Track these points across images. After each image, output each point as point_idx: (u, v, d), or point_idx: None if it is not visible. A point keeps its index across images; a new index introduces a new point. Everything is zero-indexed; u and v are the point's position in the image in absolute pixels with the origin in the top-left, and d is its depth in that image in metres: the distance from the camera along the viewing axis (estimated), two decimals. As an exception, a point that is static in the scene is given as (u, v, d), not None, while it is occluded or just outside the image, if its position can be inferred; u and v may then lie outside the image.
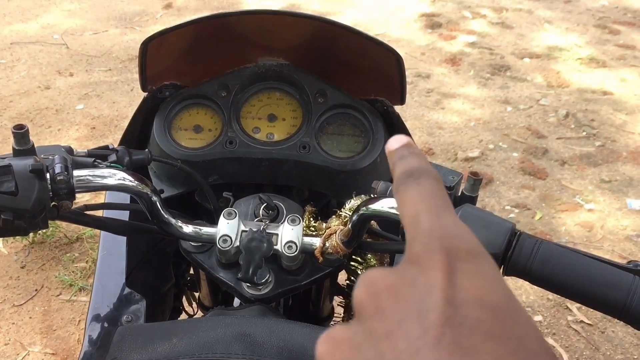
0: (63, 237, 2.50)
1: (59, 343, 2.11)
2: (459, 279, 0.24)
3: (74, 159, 0.77)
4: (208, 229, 0.85)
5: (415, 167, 0.30)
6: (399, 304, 0.24)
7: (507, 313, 0.24)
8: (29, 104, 3.41)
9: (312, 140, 0.99)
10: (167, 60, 1.00)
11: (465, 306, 0.23)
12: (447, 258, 0.25)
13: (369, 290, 0.26)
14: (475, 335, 0.22)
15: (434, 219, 0.27)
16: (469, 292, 0.24)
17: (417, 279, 0.25)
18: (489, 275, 0.25)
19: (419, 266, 0.25)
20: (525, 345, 0.23)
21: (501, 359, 0.22)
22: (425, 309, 0.23)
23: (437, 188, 0.29)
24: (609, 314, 0.66)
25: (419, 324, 0.23)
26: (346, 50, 1.00)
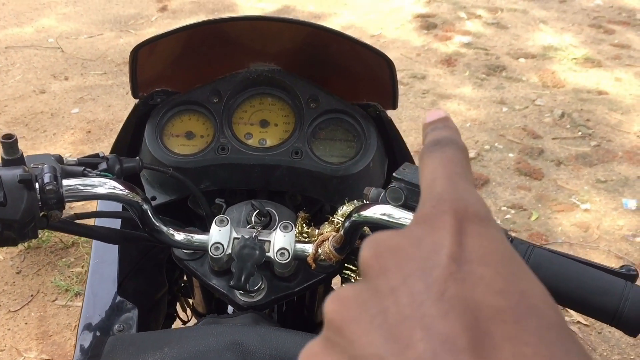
0: (59, 242, 2.50)
1: (55, 349, 2.10)
2: (465, 238, 0.25)
3: (64, 168, 0.76)
4: (200, 236, 0.85)
5: (443, 137, 0.31)
6: (403, 261, 0.25)
7: (510, 270, 0.24)
8: (24, 108, 3.41)
9: (305, 146, 0.99)
10: (158, 66, 0.99)
11: (469, 263, 0.24)
12: (455, 219, 0.25)
13: (374, 251, 0.26)
14: (477, 290, 0.23)
15: (448, 184, 0.27)
16: (473, 251, 0.24)
17: (424, 238, 0.25)
18: (494, 237, 0.25)
19: (426, 226, 0.26)
20: (528, 299, 0.23)
21: (502, 311, 0.22)
22: (430, 265, 0.24)
23: (460, 157, 0.29)
24: (601, 320, 0.66)
25: (423, 279, 0.24)
26: (338, 55, 1.00)
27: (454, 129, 0.32)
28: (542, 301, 0.24)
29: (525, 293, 0.23)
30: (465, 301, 0.22)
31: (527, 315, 0.23)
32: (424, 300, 0.23)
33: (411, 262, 0.25)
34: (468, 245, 0.24)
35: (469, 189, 0.27)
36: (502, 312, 0.22)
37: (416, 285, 0.23)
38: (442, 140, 0.30)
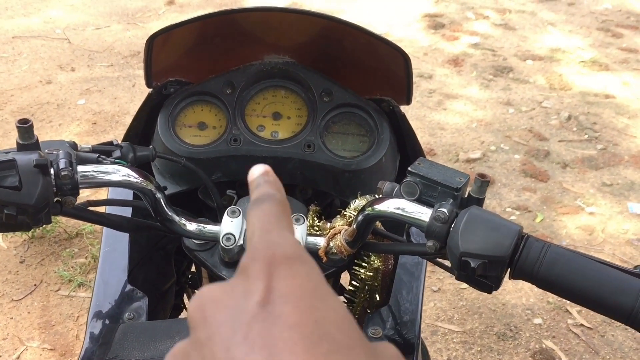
0: (63, 232, 2.50)
1: (58, 338, 2.10)
2: (273, 282, 0.27)
3: (78, 155, 0.76)
4: (211, 226, 0.85)
5: (262, 194, 0.35)
6: (219, 311, 0.28)
7: (308, 304, 0.27)
8: (30, 99, 3.41)
9: (317, 139, 0.99)
10: (172, 56, 0.99)
11: (273, 304, 0.27)
12: (265, 265, 0.28)
13: (198, 303, 0.29)
14: (275, 327, 0.26)
15: (263, 235, 0.31)
16: (278, 292, 0.27)
17: (238, 287, 0.28)
18: (301, 274, 0.28)
19: (242, 276, 0.29)
20: (320, 327, 0.26)
21: (294, 342, 0.25)
22: (240, 311, 0.27)
23: (276, 210, 0.33)
24: (617, 319, 0.66)
25: (232, 325, 0.27)
26: (353, 48, 1.00)
27: (274, 182, 0.36)
28: (336, 327, 0.26)
29: (319, 322, 0.26)
30: (264, 340, 0.25)
31: (318, 343, 0.25)
32: (231, 345, 0.26)
33: (225, 310, 0.27)
34: (275, 287, 0.27)
35: (282, 235, 0.31)
36: (293, 343, 0.25)
37: (227, 332, 0.26)
38: (261, 197, 0.34)
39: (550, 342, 2.12)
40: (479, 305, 2.25)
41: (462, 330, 2.16)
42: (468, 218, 0.69)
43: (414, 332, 0.89)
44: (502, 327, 2.17)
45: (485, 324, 2.18)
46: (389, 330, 0.88)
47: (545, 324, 2.19)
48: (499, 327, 2.16)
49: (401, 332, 0.89)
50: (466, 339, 2.12)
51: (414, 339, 0.89)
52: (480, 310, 2.23)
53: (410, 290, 0.94)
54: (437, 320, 2.19)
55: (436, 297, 2.28)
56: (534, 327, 2.18)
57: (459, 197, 0.75)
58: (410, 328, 0.90)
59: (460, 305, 2.25)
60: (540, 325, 2.18)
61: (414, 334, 0.89)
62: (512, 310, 2.23)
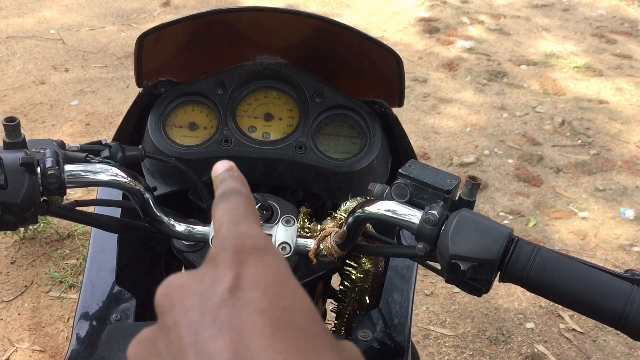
0: (54, 233, 2.48)
1: (48, 340, 2.09)
2: (242, 270, 0.28)
3: (66, 154, 0.75)
4: (201, 227, 0.84)
5: (228, 189, 0.35)
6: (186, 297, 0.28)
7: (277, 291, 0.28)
8: (23, 99, 3.39)
9: (309, 141, 0.98)
10: (163, 56, 0.98)
11: (242, 290, 0.27)
12: (234, 254, 0.29)
13: (164, 290, 0.29)
14: (244, 312, 0.26)
15: (231, 227, 0.31)
16: (247, 279, 0.28)
17: (206, 275, 0.29)
18: (270, 264, 0.29)
19: (211, 264, 0.29)
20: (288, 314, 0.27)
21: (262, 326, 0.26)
22: (208, 297, 0.27)
23: (243, 203, 0.34)
24: (607, 323, 0.65)
25: (200, 310, 0.27)
26: (345, 50, 0.99)
27: (239, 178, 0.36)
28: (303, 315, 0.27)
29: (287, 309, 0.27)
30: (232, 323, 0.26)
31: (285, 328, 0.26)
32: (199, 329, 0.26)
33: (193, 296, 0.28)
34: (244, 275, 0.28)
35: (250, 227, 0.31)
36: (261, 327, 0.26)
37: (194, 317, 0.27)
38: (227, 192, 0.35)
39: (542, 347, 2.12)
40: (471, 309, 2.25)
41: (454, 334, 2.15)
42: (458, 221, 0.69)
43: (404, 335, 0.89)
44: (494, 332, 2.16)
45: (477, 328, 2.18)
46: (379, 333, 0.87)
47: (537, 329, 2.19)
48: (491, 331, 2.16)
49: (391, 335, 0.89)
50: (458, 343, 2.12)
51: (404, 342, 0.88)
52: (472, 314, 2.23)
53: (401, 293, 0.94)
54: (429, 324, 2.18)
55: (429, 300, 2.27)
56: (526, 331, 2.17)
57: (450, 200, 0.74)
58: (400, 331, 0.89)
59: (453, 309, 2.25)
60: (532, 330, 2.18)
61: (404, 337, 0.89)
62: (505, 315, 2.23)
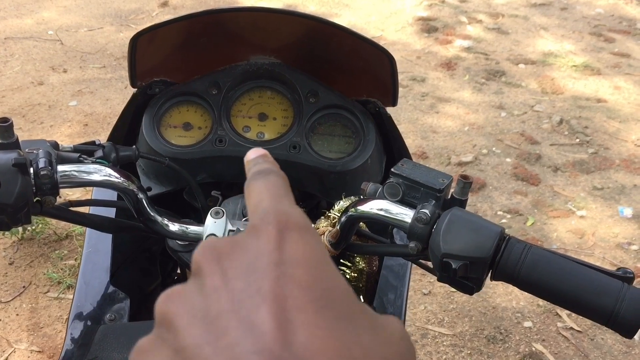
0: (52, 234, 2.48)
1: (46, 341, 2.09)
2: (285, 245, 0.29)
3: (59, 154, 0.75)
4: (195, 227, 0.84)
5: (265, 168, 0.36)
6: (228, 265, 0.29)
7: (318, 271, 0.28)
8: (21, 100, 3.39)
9: (303, 140, 0.98)
10: (157, 56, 0.99)
11: (285, 265, 0.28)
12: (277, 229, 0.29)
13: (205, 253, 0.30)
14: (287, 286, 0.27)
15: (273, 202, 0.32)
16: (290, 255, 0.28)
17: (249, 245, 0.29)
18: (310, 243, 0.29)
19: (253, 235, 0.30)
20: (328, 294, 0.27)
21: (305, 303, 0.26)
22: (252, 268, 0.28)
23: (281, 182, 0.34)
24: (597, 321, 0.65)
25: (244, 279, 0.28)
26: (339, 50, 0.99)
27: (273, 162, 0.37)
28: (342, 296, 0.28)
29: (327, 289, 0.28)
30: (276, 295, 0.26)
31: (326, 307, 0.27)
32: (243, 297, 0.27)
33: (236, 265, 0.28)
34: (286, 250, 0.29)
35: (291, 205, 0.32)
36: (304, 303, 0.26)
37: (238, 284, 0.27)
38: (264, 170, 0.35)
39: (540, 346, 2.12)
40: (469, 308, 2.25)
41: (452, 333, 2.15)
42: (450, 219, 0.69)
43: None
44: (492, 330, 2.16)
45: (475, 327, 2.18)
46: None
47: (535, 327, 2.19)
48: (489, 330, 2.16)
49: None
50: (456, 342, 2.12)
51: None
52: (470, 313, 2.23)
53: (395, 292, 0.94)
54: (427, 323, 2.18)
55: (426, 300, 2.27)
56: (524, 330, 2.18)
57: (442, 199, 0.74)
58: None
59: (451, 308, 2.25)
60: (530, 329, 2.18)
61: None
62: (502, 314, 2.23)
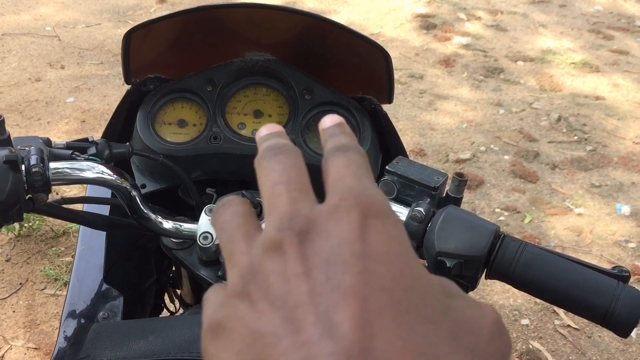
0: (49, 230, 2.48)
1: (42, 338, 2.08)
2: (368, 235, 0.27)
3: (52, 151, 0.75)
4: (189, 225, 0.84)
5: (344, 143, 0.33)
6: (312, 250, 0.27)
7: (400, 269, 0.27)
8: (18, 96, 3.38)
9: (298, 138, 0.98)
10: (151, 52, 0.98)
11: (367, 260, 0.26)
12: (360, 215, 0.28)
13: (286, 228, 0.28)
14: (369, 285, 0.26)
15: (355, 180, 0.30)
16: (373, 249, 0.27)
17: (331, 230, 0.27)
18: (393, 235, 0.28)
19: (334, 219, 0.28)
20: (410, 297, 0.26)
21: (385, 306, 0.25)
22: (333, 260, 0.26)
23: (362, 160, 0.32)
24: (592, 319, 0.65)
25: (325, 271, 0.26)
26: (335, 47, 0.99)
27: (351, 135, 0.34)
28: (422, 298, 0.26)
29: (408, 291, 0.26)
30: (356, 293, 0.25)
31: (406, 311, 0.25)
32: (322, 291, 0.26)
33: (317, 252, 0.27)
34: (369, 241, 0.27)
35: (373, 187, 0.30)
36: (385, 307, 0.25)
37: (318, 276, 0.26)
38: (344, 146, 0.33)
39: (537, 343, 2.12)
40: (466, 305, 2.25)
41: (450, 330, 2.15)
42: (444, 217, 0.69)
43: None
44: (490, 328, 2.16)
45: (472, 324, 2.18)
46: None
47: (532, 325, 2.19)
48: (486, 328, 2.16)
49: None
50: (453, 340, 2.12)
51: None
52: (467, 310, 2.23)
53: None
54: (424, 321, 2.18)
55: (424, 297, 2.27)
56: (521, 327, 2.18)
57: (437, 197, 0.74)
58: None
59: (448, 305, 2.25)
60: (527, 326, 2.18)
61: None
62: (500, 311, 2.23)
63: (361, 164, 0.32)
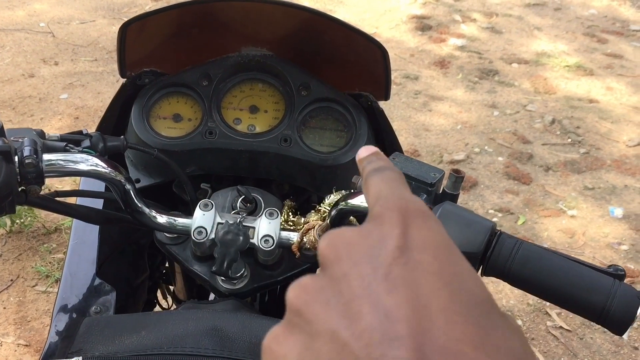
0: (41, 227, 2.46)
1: (33, 334, 2.07)
2: (409, 230, 0.29)
3: (45, 143, 0.74)
4: (183, 220, 0.83)
5: (380, 165, 0.36)
6: (354, 251, 0.29)
7: (445, 256, 0.28)
8: (12, 92, 3.36)
9: (294, 134, 0.97)
10: (147, 45, 0.97)
11: (411, 250, 0.28)
12: (400, 215, 0.29)
13: (330, 242, 0.30)
14: (416, 272, 0.27)
15: (392, 191, 0.32)
16: (415, 241, 0.28)
17: (373, 232, 0.29)
18: (434, 229, 0.29)
19: (376, 222, 0.30)
20: (459, 279, 0.27)
21: (438, 288, 0.26)
22: (377, 253, 0.28)
23: (399, 176, 0.34)
24: (588, 317, 0.65)
25: (371, 264, 0.27)
26: (332, 43, 0.98)
27: (386, 159, 0.37)
28: (472, 282, 0.28)
29: (457, 275, 0.27)
30: (406, 281, 0.26)
31: (458, 292, 0.26)
32: (371, 281, 0.27)
33: (361, 251, 0.28)
34: (411, 236, 0.28)
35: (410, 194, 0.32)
36: (437, 289, 0.26)
37: (365, 270, 0.27)
38: (380, 168, 0.35)
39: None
40: (459, 306, 2.25)
41: (442, 331, 2.15)
42: (441, 214, 0.68)
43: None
44: (482, 329, 2.16)
45: (465, 325, 2.17)
46: None
47: (524, 326, 2.19)
48: (478, 329, 2.16)
49: None
50: (446, 340, 2.12)
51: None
52: (460, 311, 2.23)
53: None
54: (417, 321, 2.18)
55: (417, 297, 2.27)
56: (514, 328, 2.18)
57: (433, 193, 0.74)
58: None
59: (441, 306, 2.24)
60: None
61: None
62: (492, 312, 2.23)
63: (397, 179, 0.34)
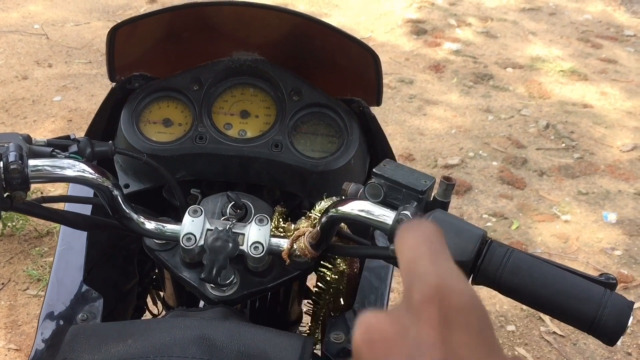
0: (33, 230, 2.44)
1: (24, 339, 2.05)
2: (450, 334, 0.26)
3: (31, 148, 0.73)
4: (172, 226, 0.82)
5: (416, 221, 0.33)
6: (391, 354, 0.26)
7: None
8: (5, 94, 3.34)
9: (285, 139, 0.97)
10: (137, 49, 0.96)
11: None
12: (440, 312, 0.27)
13: (365, 337, 0.28)
14: None
15: (431, 265, 0.29)
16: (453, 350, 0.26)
17: (410, 330, 0.27)
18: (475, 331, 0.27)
19: (413, 316, 0.27)
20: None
21: None
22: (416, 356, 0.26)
23: (435, 234, 0.31)
24: (579, 327, 0.64)
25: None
26: (324, 48, 0.98)
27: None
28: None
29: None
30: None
31: None
32: None
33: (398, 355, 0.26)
34: (451, 342, 0.26)
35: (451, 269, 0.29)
36: None
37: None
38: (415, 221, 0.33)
39: (522, 350, 2.11)
40: (453, 311, 2.24)
41: (436, 336, 2.14)
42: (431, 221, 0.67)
43: (378, 338, 0.87)
44: (476, 334, 2.16)
45: (458, 330, 2.17)
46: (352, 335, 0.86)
47: (518, 331, 2.19)
48: (472, 334, 2.16)
49: None
50: (439, 345, 2.11)
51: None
52: (454, 316, 2.22)
53: (376, 294, 0.93)
54: (410, 326, 2.17)
55: (410, 302, 2.26)
56: (507, 334, 2.17)
57: (424, 200, 0.73)
58: None
59: (434, 311, 2.24)
60: (513, 332, 2.18)
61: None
62: (486, 317, 2.22)
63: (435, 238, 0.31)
